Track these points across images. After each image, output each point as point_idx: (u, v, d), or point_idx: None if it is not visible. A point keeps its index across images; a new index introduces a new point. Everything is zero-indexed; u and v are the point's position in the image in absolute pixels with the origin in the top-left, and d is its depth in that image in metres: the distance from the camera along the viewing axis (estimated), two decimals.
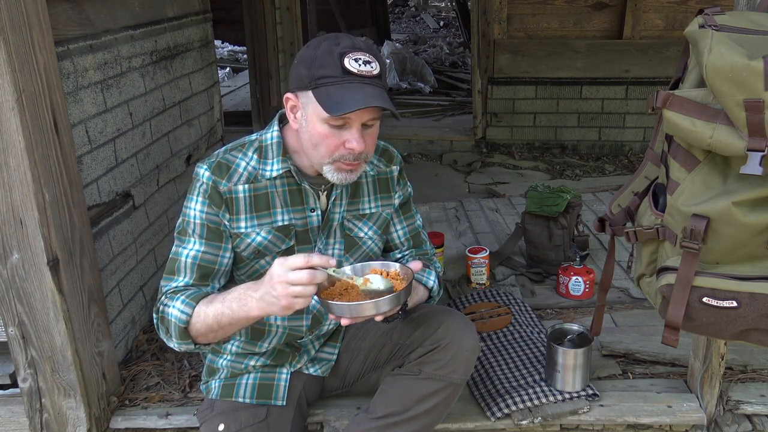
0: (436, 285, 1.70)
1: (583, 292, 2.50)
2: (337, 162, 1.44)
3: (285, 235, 1.57)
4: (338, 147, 1.41)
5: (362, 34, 8.44)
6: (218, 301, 1.41)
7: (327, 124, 1.39)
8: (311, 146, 1.45)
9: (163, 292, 1.51)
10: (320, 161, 1.45)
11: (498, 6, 4.48)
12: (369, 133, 1.44)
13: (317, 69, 1.37)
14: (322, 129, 1.40)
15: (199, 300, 1.44)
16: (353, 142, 1.40)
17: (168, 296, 1.48)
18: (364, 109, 1.36)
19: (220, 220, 1.52)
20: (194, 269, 1.51)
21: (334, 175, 1.45)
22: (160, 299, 1.50)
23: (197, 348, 1.50)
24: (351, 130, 1.40)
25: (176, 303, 1.44)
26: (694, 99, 1.22)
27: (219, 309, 1.40)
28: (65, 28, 1.89)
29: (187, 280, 1.50)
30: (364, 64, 1.38)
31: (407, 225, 1.76)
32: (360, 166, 1.47)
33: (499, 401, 1.86)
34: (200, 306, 1.43)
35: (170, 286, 1.51)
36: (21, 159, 1.56)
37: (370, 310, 1.36)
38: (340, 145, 1.41)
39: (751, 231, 1.21)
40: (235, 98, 6.56)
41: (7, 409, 1.91)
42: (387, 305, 1.36)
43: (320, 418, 1.86)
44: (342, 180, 1.47)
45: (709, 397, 1.86)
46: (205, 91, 3.12)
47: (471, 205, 3.63)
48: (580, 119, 4.65)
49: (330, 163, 1.44)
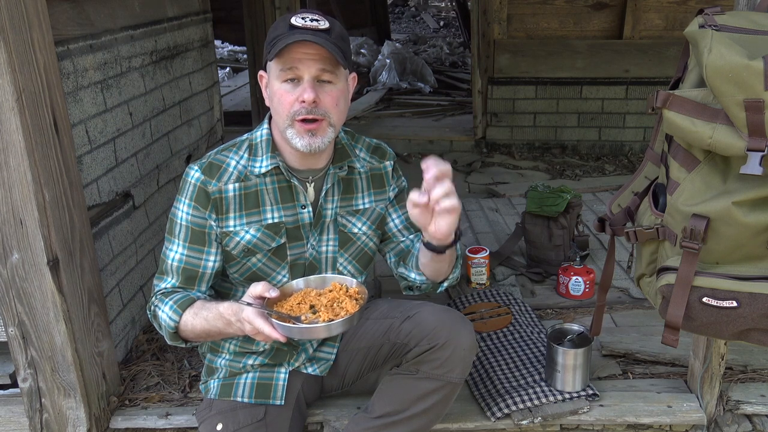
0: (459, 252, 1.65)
1: (583, 292, 2.50)
2: (295, 122, 1.44)
3: (275, 233, 1.57)
4: (293, 103, 1.43)
5: (362, 34, 8.45)
6: (203, 318, 1.47)
7: (281, 81, 1.43)
8: (275, 113, 1.49)
9: (155, 291, 1.59)
10: (283, 126, 1.47)
11: (498, 6, 4.47)
12: (326, 91, 1.45)
13: (270, 34, 1.45)
14: (278, 88, 1.45)
15: (185, 308, 1.50)
16: (303, 94, 1.41)
17: (158, 298, 1.56)
18: (313, 60, 1.40)
19: (206, 222, 1.54)
20: (179, 272, 1.56)
21: (298, 141, 1.46)
22: (152, 299, 1.58)
23: (189, 345, 1.59)
24: (302, 84, 1.42)
25: (165, 308, 1.51)
26: (694, 99, 1.22)
27: (205, 326, 1.47)
28: (65, 28, 1.89)
29: (173, 282, 1.57)
30: (311, 20, 1.42)
31: (403, 213, 1.73)
32: (321, 127, 1.46)
33: (499, 401, 1.86)
34: (187, 315, 1.50)
35: (160, 286, 1.58)
36: (21, 159, 1.57)
37: (322, 333, 1.36)
38: (294, 101, 1.43)
39: (751, 231, 1.21)
40: (235, 98, 6.55)
41: (7, 409, 1.91)
42: (340, 328, 1.36)
43: (320, 418, 1.86)
44: (306, 146, 1.46)
45: (709, 397, 1.86)
46: (205, 91, 3.13)
47: (471, 205, 3.63)
48: (580, 119, 4.65)
49: (290, 125, 1.45)
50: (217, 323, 1.44)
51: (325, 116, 1.45)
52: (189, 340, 1.56)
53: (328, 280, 1.52)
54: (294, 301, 1.44)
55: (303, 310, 1.41)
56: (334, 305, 1.42)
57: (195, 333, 1.50)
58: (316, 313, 1.39)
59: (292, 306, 1.42)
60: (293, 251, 1.60)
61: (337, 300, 1.43)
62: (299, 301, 1.44)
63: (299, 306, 1.43)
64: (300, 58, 1.40)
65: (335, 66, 1.44)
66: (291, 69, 1.42)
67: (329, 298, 1.44)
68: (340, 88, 1.47)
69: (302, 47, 1.40)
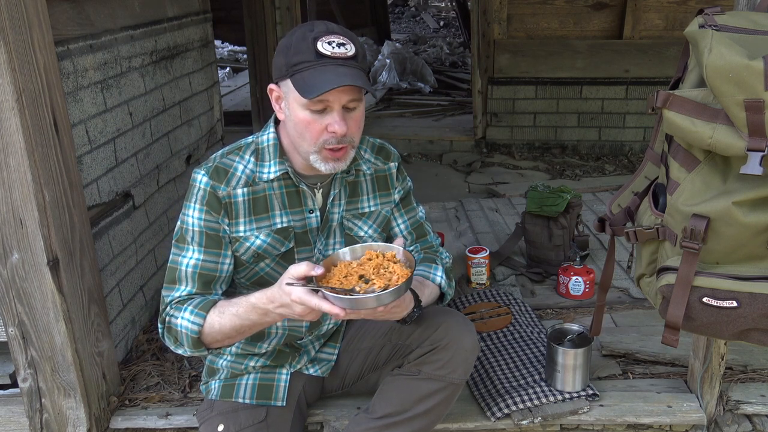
0: (445, 280, 1.67)
1: (583, 292, 2.50)
2: (323, 150, 1.43)
3: (284, 238, 1.57)
4: (321, 132, 1.41)
5: (362, 34, 8.44)
6: (231, 314, 1.42)
7: (308, 110, 1.40)
8: (297, 135, 1.45)
9: (167, 302, 1.51)
10: (307, 150, 1.45)
11: (498, 6, 4.48)
12: (352, 117, 1.43)
13: (293, 56, 1.39)
14: (303, 116, 1.41)
15: (208, 309, 1.44)
16: (335, 125, 1.39)
17: (174, 307, 1.49)
18: (342, 90, 1.37)
19: (220, 225, 1.51)
20: (195, 278, 1.50)
21: (322, 165, 1.45)
22: (165, 310, 1.50)
23: (210, 353, 1.53)
24: (332, 113, 1.40)
25: (185, 314, 1.45)
26: (694, 99, 1.22)
27: (236, 322, 1.42)
28: (65, 28, 1.89)
29: (189, 289, 1.50)
30: (338, 46, 1.38)
31: (408, 218, 1.74)
32: (347, 153, 1.46)
33: (499, 401, 1.86)
34: (212, 316, 1.43)
35: (173, 296, 1.51)
36: (21, 159, 1.56)
37: (371, 303, 1.31)
38: (323, 130, 1.41)
39: (751, 231, 1.21)
40: (235, 98, 6.56)
41: (7, 409, 1.91)
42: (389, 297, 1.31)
43: (320, 418, 1.86)
44: (331, 169, 1.46)
45: (709, 397, 1.86)
46: (205, 91, 3.13)
47: (471, 205, 3.63)
48: (580, 119, 4.65)
49: (316, 151, 1.44)
50: (251, 315, 1.40)
51: (351, 142, 1.45)
52: (213, 345, 1.48)
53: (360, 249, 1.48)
54: (339, 275, 1.39)
55: (353, 282, 1.37)
56: (380, 271, 1.39)
57: (223, 333, 1.43)
58: (369, 282, 1.36)
59: (340, 280, 1.38)
60: (301, 256, 1.59)
61: (381, 266, 1.41)
62: (345, 274, 1.40)
63: (346, 279, 1.38)
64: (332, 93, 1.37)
65: (361, 92, 1.43)
66: (321, 101, 1.38)
67: (373, 265, 1.40)
68: (361, 110, 1.46)
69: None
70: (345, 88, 1.36)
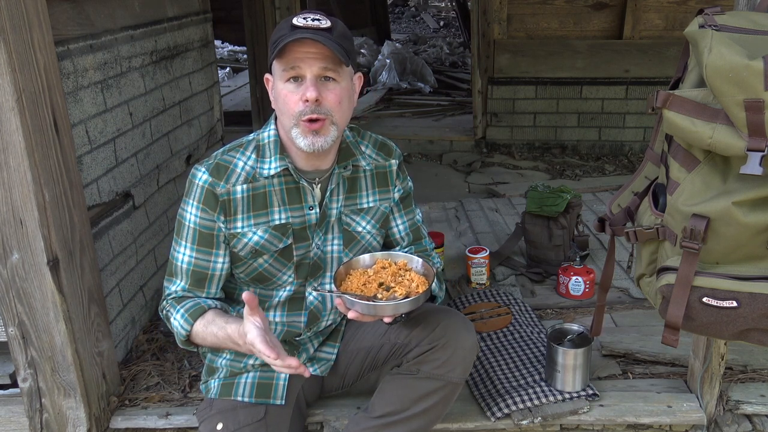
0: (436, 284, 1.69)
1: (583, 292, 2.50)
2: (300, 122, 1.44)
3: (282, 234, 1.57)
4: (297, 103, 1.43)
5: (362, 34, 8.45)
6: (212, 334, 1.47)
7: (285, 82, 1.44)
8: (280, 113, 1.49)
9: (165, 295, 1.59)
10: (288, 125, 1.47)
11: (498, 6, 4.48)
12: (329, 88, 1.44)
13: (273, 37, 1.45)
14: (281, 88, 1.45)
15: (196, 317, 1.51)
16: (305, 92, 1.41)
17: (170, 303, 1.57)
18: (315, 58, 1.40)
19: (215, 224, 1.54)
20: (188, 274, 1.57)
21: (302, 140, 1.46)
22: (164, 301, 1.59)
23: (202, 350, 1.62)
24: (305, 83, 1.43)
25: (177, 315, 1.53)
26: (694, 99, 1.22)
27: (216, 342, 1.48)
28: (65, 28, 1.89)
29: (183, 284, 1.57)
30: (312, 20, 1.42)
31: (408, 220, 1.76)
32: (324, 126, 1.45)
33: (499, 401, 1.86)
34: (198, 326, 1.50)
35: (171, 289, 1.59)
36: (21, 159, 1.56)
37: (388, 311, 1.38)
38: (298, 100, 1.43)
39: (751, 231, 1.21)
40: (235, 98, 6.56)
41: (7, 409, 1.91)
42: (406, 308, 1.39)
43: (320, 417, 1.86)
44: (310, 145, 1.46)
45: (709, 397, 1.86)
46: (205, 91, 3.13)
47: (471, 205, 3.63)
48: (580, 119, 4.65)
49: (295, 124, 1.45)
50: (227, 343, 1.45)
51: (328, 115, 1.45)
52: (202, 346, 1.58)
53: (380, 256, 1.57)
54: (358, 283, 1.47)
55: (372, 290, 1.44)
56: (397, 278, 1.46)
57: (206, 344, 1.52)
58: (390, 290, 1.43)
59: (359, 289, 1.46)
60: (299, 251, 1.60)
61: (397, 273, 1.48)
62: (363, 282, 1.47)
63: (366, 287, 1.46)
64: (302, 57, 1.41)
65: (338, 64, 1.43)
66: (293, 68, 1.42)
67: (390, 273, 1.47)
68: (343, 87, 1.47)
69: (303, 46, 1.40)
70: (317, 57, 1.40)
